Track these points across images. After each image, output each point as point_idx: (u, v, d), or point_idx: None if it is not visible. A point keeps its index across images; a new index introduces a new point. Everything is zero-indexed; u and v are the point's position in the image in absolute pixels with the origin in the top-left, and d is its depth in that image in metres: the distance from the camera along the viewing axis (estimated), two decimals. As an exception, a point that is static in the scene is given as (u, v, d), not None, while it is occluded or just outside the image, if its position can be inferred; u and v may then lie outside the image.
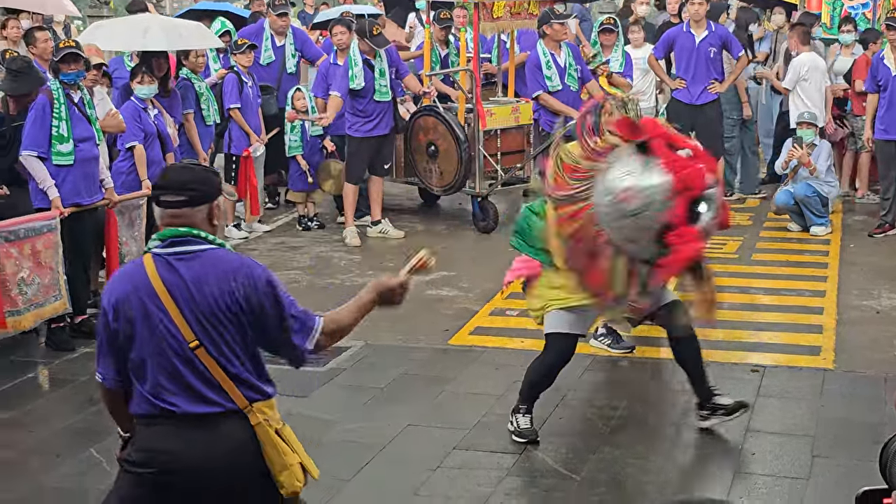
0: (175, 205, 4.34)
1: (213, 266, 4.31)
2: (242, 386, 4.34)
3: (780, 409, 7.77)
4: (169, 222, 4.36)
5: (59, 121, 9.04)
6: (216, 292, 4.28)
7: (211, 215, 4.40)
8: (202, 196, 4.37)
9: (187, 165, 4.71)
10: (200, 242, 4.34)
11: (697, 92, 13.53)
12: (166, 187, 4.38)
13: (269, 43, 13.92)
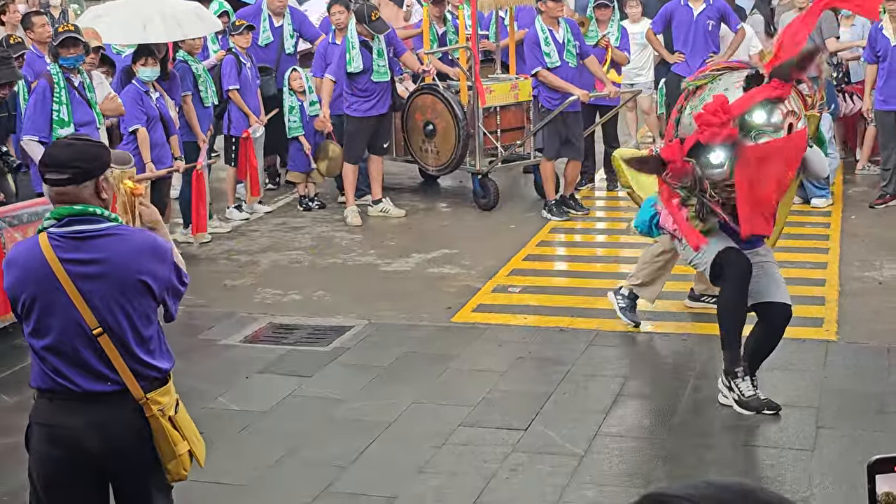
0: (60, 182, 4.36)
1: (119, 244, 4.37)
2: (141, 367, 4.43)
3: (783, 381, 7.79)
4: (58, 200, 4.38)
5: (60, 105, 9.05)
6: (124, 270, 4.34)
7: (98, 190, 4.40)
8: (85, 172, 4.37)
9: (71, 141, 4.66)
10: (100, 220, 4.38)
11: (696, 65, 13.47)
12: (50, 165, 4.39)
13: (267, 24, 13.87)
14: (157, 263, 4.42)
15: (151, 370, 4.46)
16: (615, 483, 6.39)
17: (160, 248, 4.47)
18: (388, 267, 10.75)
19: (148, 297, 4.42)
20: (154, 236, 4.55)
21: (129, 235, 4.45)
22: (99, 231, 4.37)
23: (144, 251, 4.41)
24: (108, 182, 4.47)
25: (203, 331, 9.22)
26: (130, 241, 4.41)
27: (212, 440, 6.92)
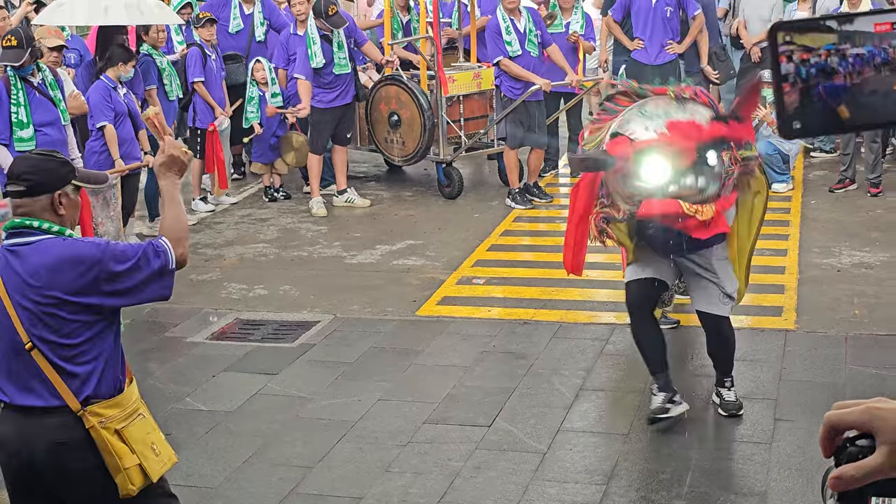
0: (14, 195, 4.43)
1: (44, 256, 4.35)
2: (76, 382, 4.41)
3: (743, 372, 7.89)
4: (15, 212, 4.44)
5: (18, 107, 9.06)
6: (50, 283, 4.32)
7: (54, 205, 4.42)
8: (39, 185, 4.40)
9: (29, 155, 4.71)
10: (35, 233, 4.38)
11: (655, 52, 13.60)
12: (9, 177, 4.48)
13: (237, 11, 13.89)
14: (72, 274, 4.33)
15: (86, 384, 4.43)
16: (577, 479, 6.50)
17: (78, 257, 4.35)
18: (354, 259, 10.83)
19: (70, 309, 4.36)
20: (79, 248, 4.40)
21: (49, 249, 4.38)
22: (28, 244, 4.38)
23: (58, 265, 4.34)
24: (69, 198, 4.48)
25: (169, 328, 9.28)
26: (47, 255, 4.36)
27: (180, 442, 7.04)
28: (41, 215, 4.41)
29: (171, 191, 4.64)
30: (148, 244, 4.47)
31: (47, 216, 4.42)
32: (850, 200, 12.29)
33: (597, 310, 9.28)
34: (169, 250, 4.47)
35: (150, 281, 4.42)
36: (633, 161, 6.41)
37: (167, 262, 4.45)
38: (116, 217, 10.33)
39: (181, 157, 4.64)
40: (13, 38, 9.17)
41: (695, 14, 13.63)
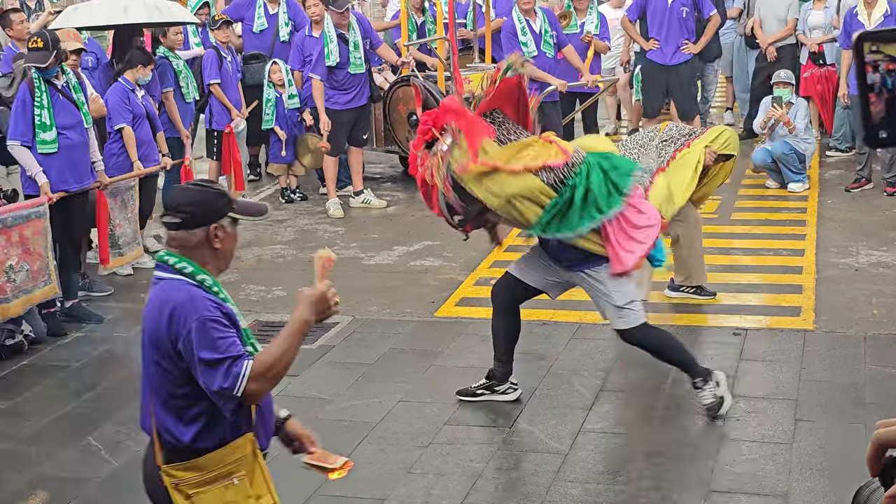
0: (170, 226, 4.25)
1: (158, 298, 4.18)
2: (162, 429, 4.24)
3: (762, 373, 7.93)
4: (168, 241, 4.30)
5: (41, 109, 9.10)
6: (151, 326, 4.17)
7: (209, 238, 4.21)
8: (195, 218, 4.21)
9: (186, 186, 4.49)
10: (167, 270, 4.20)
11: (671, 52, 13.61)
12: (166, 207, 4.31)
13: (261, 11, 13.97)
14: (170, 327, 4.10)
15: (169, 435, 4.22)
16: (599, 480, 6.52)
17: (177, 312, 4.09)
18: (371, 260, 10.86)
19: (164, 361, 4.15)
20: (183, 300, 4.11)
21: (169, 291, 4.16)
22: (162, 280, 4.22)
23: (163, 311, 4.12)
24: (226, 231, 4.25)
25: (189, 330, 9.30)
26: (162, 296, 4.17)
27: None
28: (198, 248, 4.20)
29: (298, 326, 4.14)
30: (239, 356, 4.06)
31: (203, 251, 4.21)
32: (867, 200, 12.30)
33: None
34: (244, 377, 4.04)
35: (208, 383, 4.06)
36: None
37: (232, 387, 4.04)
38: (134, 219, 10.41)
39: (331, 306, 4.18)
40: (39, 40, 9.21)
41: (710, 14, 13.64)
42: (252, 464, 4.27)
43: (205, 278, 4.19)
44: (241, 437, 4.24)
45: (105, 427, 7.48)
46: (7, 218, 8.71)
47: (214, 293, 4.19)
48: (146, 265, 10.87)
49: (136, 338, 9.14)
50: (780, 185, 12.82)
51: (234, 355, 4.05)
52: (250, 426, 4.27)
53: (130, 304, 9.96)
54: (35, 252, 8.91)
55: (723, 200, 12.37)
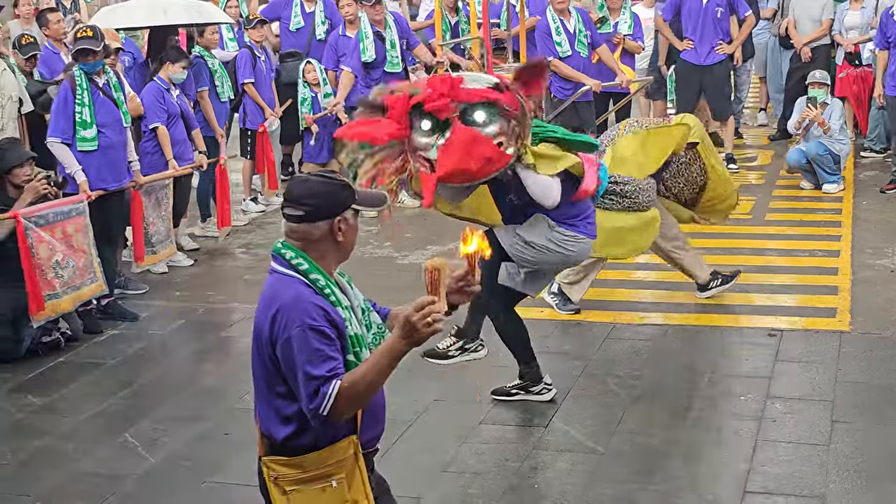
0: (292, 219, 4.11)
1: (268, 293, 4.09)
2: (268, 430, 4.16)
3: (798, 374, 7.90)
4: (287, 233, 4.15)
5: (82, 107, 9.17)
6: (258, 319, 4.10)
7: (333, 231, 4.10)
8: (319, 211, 4.08)
9: (308, 177, 4.25)
10: (282, 264, 4.10)
11: (705, 52, 13.58)
12: (287, 199, 4.15)
13: (298, 9, 14.04)
14: (273, 327, 4.00)
15: (267, 430, 4.17)
16: (635, 480, 6.50)
17: (283, 314, 3.98)
18: (405, 260, 10.87)
19: (265, 358, 4.07)
20: (289, 302, 3.98)
21: (274, 284, 4.08)
22: (273, 271, 4.14)
23: (270, 308, 4.03)
24: (348, 224, 4.14)
25: (224, 328, 9.36)
26: (271, 293, 4.08)
27: (239, 441, 7.12)
28: (317, 243, 4.10)
29: (387, 350, 3.91)
30: (332, 373, 3.93)
31: (326, 244, 4.11)
32: (902, 200, 12.26)
33: (649, 311, 9.28)
34: (330, 397, 3.91)
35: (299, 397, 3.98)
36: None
37: (318, 408, 3.93)
38: (167, 217, 10.46)
39: (420, 330, 3.81)
40: (89, 30, 9.29)
41: (745, 15, 13.60)
42: (352, 467, 4.16)
43: (318, 278, 4.07)
44: (345, 440, 4.13)
45: (141, 424, 7.52)
46: (49, 214, 8.76)
47: (325, 295, 4.05)
48: (180, 263, 10.93)
49: (170, 336, 9.24)
50: (814, 185, 12.77)
51: (326, 375, 3.92)
52: (353, 429, 4.15)
53: (165, 301, 10.02)
54: (79, 248, 8.97)
55: (757, 201, 12.34)
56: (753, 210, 12.05)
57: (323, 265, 4.10)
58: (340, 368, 3.96)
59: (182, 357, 8.88)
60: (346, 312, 4.09)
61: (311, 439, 4.10)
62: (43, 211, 8.71)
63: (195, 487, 6.66)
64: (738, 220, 11.58)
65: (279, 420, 4.11)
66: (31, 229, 8.57)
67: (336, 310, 4.04)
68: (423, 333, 3.83)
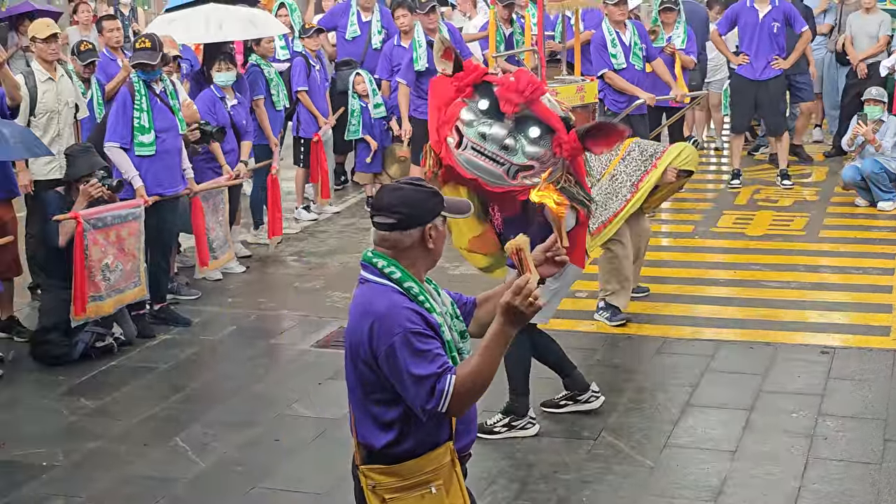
0: (382, 227, 4.10)
1: (362, 303, 4.07)
2: (360, 436, 4.15)
3: (850, 392, 7.84)
4: (378, 243, 4.13)
5: (140, 112, 9.26)
6: (352, 330, 4.08)
7: (424, 238, 4.08)
8: (410, 219, 4.06)
9: (399, 185, 4.19)
10: (374, 273, 4.08)
11: (761, 67, 13.52)
12: (377, 207, 4.12)
13: (354, 18, 14.15)
14: (371, 335, 3.97)
15: (364, 438, 4.15)
16: (685, 495, 6.47)
17: (383, 322, 3.96)
18: (456, 270, 10.86)
19: (361, 367, 4.05)
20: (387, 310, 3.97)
21: (372, 295, 4.05)
22: (365, 281, 4.11)
23: (366, 316, 4.01)
24: (438, 230, 4.11)
25: (275, 335, 9.41)
26: (366, 301, 4.05)
27: (288, 448, 7.15)
28: (408, 251, 4.08)
29: (495, 338, 3.88)
30: (444, 368, 3.90)
31: (417, 251, 4.09)
32: (958, 219, 12.14)
33: (700, 325, 9.23)
34: (448, 394, 3.87)
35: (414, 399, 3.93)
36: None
37: (437, 405, 3.90)
38: (224, 223, 10.56)
39: (527, 311, 3.80)
40: (147, 41, 9.39)
41: (802, 30, 13.52)
42: (450, 473, 4.15)
43: (412, 286, 4.05)
44: (442, 446, 4.12)
45: (193, 428, 7.56)
46: (107, 217, 8.84)
47: (420, 302, 4.04)
48: (233, 270, 10.99)
49: (222, 342, 9.30)
50: (869, 203, 12.67)
51: (438, 371, 3.90)
52: (450, 434, 4.14)
53: (217, 307, 10.08)
54: (129, 252, 9.05)
55: (811, 218, 12.26)
56: (807, 227, 11.97)
57: (414, 272, 4.09)
58: (449, 363, 3.94)
59: (233, 363, 8.92)
60: (440, 318, 4.08)
61: (411, 446, 4.09)
62: (102, 214, 8.79)
63: (244, 492, 6.69)
64: (791, 237, 11.55)
65: (378, 427, 4.10)
66: (89, 231, 8.66)
67: (431, 315, 4.03)
68: (528, 314, 3.82)
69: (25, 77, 9.63)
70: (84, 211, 8.67)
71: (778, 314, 9.35)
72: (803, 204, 12.88)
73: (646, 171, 8.86)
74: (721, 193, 13.51)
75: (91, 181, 8.79)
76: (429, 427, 4.06)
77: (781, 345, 8.73)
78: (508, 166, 6.31)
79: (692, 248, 11.47)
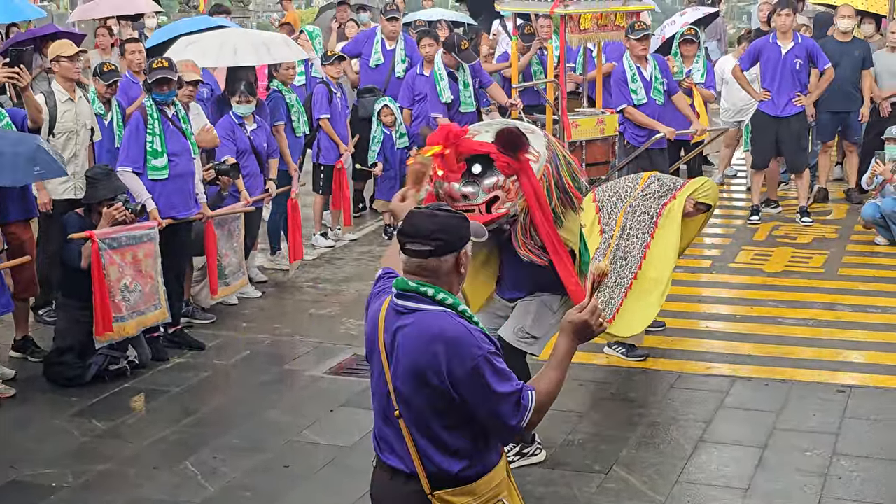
0: (420, 254, 4.11)
1: (422, 329, 4.08)
2: (429, 463, 4.17)
3: (866, 431, 7.77)
4: (413, 271, 4.14)
5: (153, 136, 9.28)
6: (417, 358, 4.08)
7: (459, 264, 4.16)
8: (447, 246, 4.11)
9: (434, 212, 4.22)
10: (425, 301, 4.10)
11: (782, 104, 13.48)
12: (412, 235, 4.13)
13: (378, 46, 14.26)
14: (447, 359, 4.02)
15: (433, 466, 4.17)
16: (695, 532, 6.43)
17: (460, 344, 4.03)
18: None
19: (432, 395, 4.09)
20: (464, 333, 4.05)
21: (435, 322, 4.08)
22: (416, 310, 4.12)
23: (436, 342, 4.05)
24: (467, 255, 4.20)
25: (288, 361, 9.38)
26: (430, 327, 4.07)
27: (298, 475, 7.12)
28: (447, 276, 4.14)
29: (569, 353, 4.14)
30: (523, 385, 4.06)
31: (451, 277, 4.16)
32: (979, 258, 12.06)
33: (715, 361, 9.17)
34: (530, 409, 4.05)
35: (503, 417, 4.05)
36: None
37: (521, 421, 4.05)
38: (239, 248, 10.53)
39: (594, 330, 4.11)
40: (164, 62, 9.43)
41: (824, 68, 13.49)
42: (507, 483, 4.34)
43: (465, 309, 4.14)
44: (500, 461, 4.29)
45: (202, 453, 7.54)
46: (122, 237, 8.83)
47: (475, 324, 4.14)
48: (249, 295, 10.99)
49: (234, 366, 9.28)
50: (889, 241, 12.60)
51: (519, 388, 4.05)
52: (500, 451, 4.33)
53: (232, 332, 10.07)
54: (147, 274, 9.04)
55: (830, 256, 12.20)
56: (826, 264, 11.91)
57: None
58: (522, 381, 4.10)
59: (245, 388, 8.90)
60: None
61: (481, 467, 4.21)
62: (117, 234, 8.79)
63: (252, 519, 6.67)
64: (810, 274, 11.49)
65: (450, 453, 4.17)
66: (105, 250, 8.66)
67: (489, 334, 4.16)
68: (597, 332, 4.12)
69: (46, 97, 9.68)
70: (98, 231, 8.68)
71: (794, 351, 9.30)
72: (822, 241, 12.82)
73: (664, 202, 8.83)
74: (740, 229, 13.46)
75: (115, 204, 8.80)
76: (489, 446, 4.21)
77: (797, 382, 8.67)
78: (476, 209, 6.57)
79: (709, 284, 11.42)
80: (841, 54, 14.10)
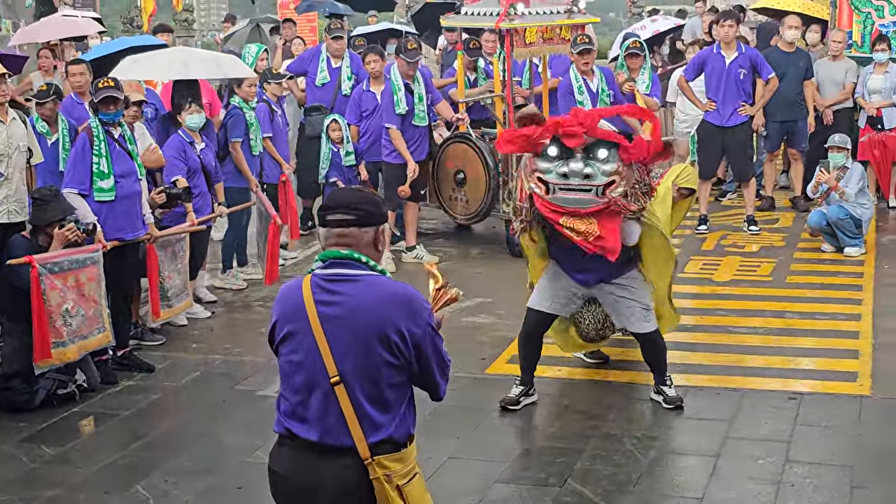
0: (343, 223, 4.28)
1: (376, 290, 4.26)
2: (371, 430, 4.27)
3: (818, 438, 7.81)
4: (335, 242, 4.31)
5: (100, 157, 9.19)
6: (372, 320, 4.23)
7: (377, 240, 4.34)
8: (370, 217, 4.32)
9: (352, 188, 4.64)
10: (361, 267, 4.29)
11: (728, 114, 13.57)
12: (333, 207, 4.32)
13: (324, 64, 14.20)
14: (406, 318, 4.27)
15: (373, 429, 4.30)
16: (651, 543, 6.43)
17: (415, 304, 4.29)
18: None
19: (388, 352, 4.27)
20: (414, 293, 4.33)
21: (382, 284, 4.30)
22: (354, 276, 4.29)
23: (393, 302, 4.28)
24: (385, 236, 4.42)
25: (239, 381, 9.31)
26: (379, 289, 4.28)
27: (251, 496, 7.05)
28: (366, 249, 4.33)
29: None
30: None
31: (370, 251, 4.35)
32: (925, 266, 12.16)
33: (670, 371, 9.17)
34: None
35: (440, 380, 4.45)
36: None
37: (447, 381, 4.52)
38: (184, 270, 10.42)
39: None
40: (110, 81, 9.35)
41: (768, 77, 13.60)
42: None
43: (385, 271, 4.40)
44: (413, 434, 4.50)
45: (154, 476, 7.46)
46: (63, 262, 8.73)
47: None
48: (198, 315, 10.90)
49: (185, 388, 9.19)
50: (835, 248, 12.70)
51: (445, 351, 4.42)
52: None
53: (182, 353, 9.99)
54: (90, 298, 8.94)
55: (778, 263, 12.27)
56: (774, 272, 11.98)
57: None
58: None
59: (196, 409, 8.82)
60: None
61: (409, 429, 4.43)
62: (58, 258, 8.69)
63: (206, 541, 6.60)
64: (759, 283, 11.56)
65: (390, 413, 4.34)
66: (45, 275, 8.56)
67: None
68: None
69: (-26, 120, 9.53)
70: (38, 256, 8.58)
71: (745, 360, 9.34)
72: (770, 250, 12.90)
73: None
74: (688, 239, 13.51)
75: (67, 224, 8.71)
76: (412, 411, 4.44)
77: (748, 391, 8.70)
78: (595, 189, 7.55)
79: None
80: (787, 64, 14.23)
